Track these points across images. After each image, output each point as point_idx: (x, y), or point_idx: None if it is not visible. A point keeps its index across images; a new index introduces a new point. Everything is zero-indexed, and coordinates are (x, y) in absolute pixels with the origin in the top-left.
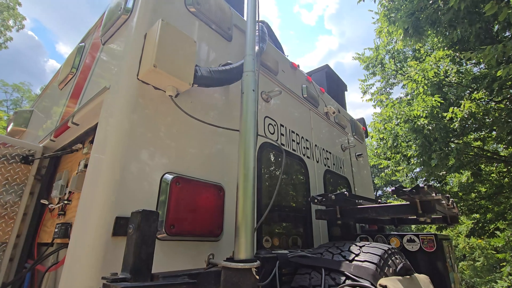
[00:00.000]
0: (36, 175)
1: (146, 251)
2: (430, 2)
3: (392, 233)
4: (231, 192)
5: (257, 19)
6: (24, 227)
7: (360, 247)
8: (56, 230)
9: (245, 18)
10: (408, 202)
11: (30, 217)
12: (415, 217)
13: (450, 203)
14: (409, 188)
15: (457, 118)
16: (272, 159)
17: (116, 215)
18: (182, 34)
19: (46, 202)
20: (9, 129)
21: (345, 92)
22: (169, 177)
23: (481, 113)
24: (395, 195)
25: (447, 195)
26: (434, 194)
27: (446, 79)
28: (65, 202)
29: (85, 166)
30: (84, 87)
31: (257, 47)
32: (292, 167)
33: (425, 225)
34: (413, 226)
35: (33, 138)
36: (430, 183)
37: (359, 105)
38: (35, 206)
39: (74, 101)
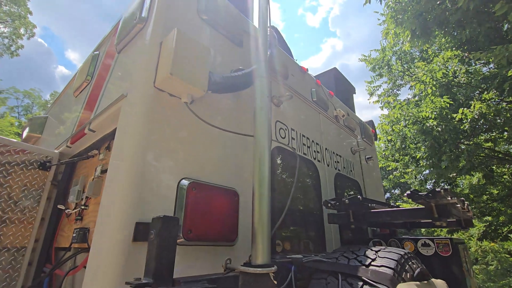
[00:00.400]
0: (53, 181)
1: (167, 257)
2: (438, 2)
3: (405, 237)
4: (245, 197)
5: (268, 24)
6: (42, 231)
7: (376, 251)
8: (74, 235)
9: (255, 23)
10: (423, 206)
11: (48, 222)
12: (429, 220)
13: (465, 206)
14: (425, 192)
15: (467, 119)
16: (284, 163)
17: (136, 220)
18: (196, 42)
19: (63, 207)
20: (24, 135)
21: (354, 94)
22: (185, 182)
23: (491, 114)
24: (409, 199)
25: (462, 198)
26: (449, 198)
27: (455, 79)
28: (82, 207)
29: (102, 171)
30: (100, 95)
31: (268, 52)
32: (303, 171)
33: (436, 228)
34: (422, 230)
35: (48, 144)
36: (446, 187)
37: (366, 107)
38: (52, 211)
39: (90, 108)
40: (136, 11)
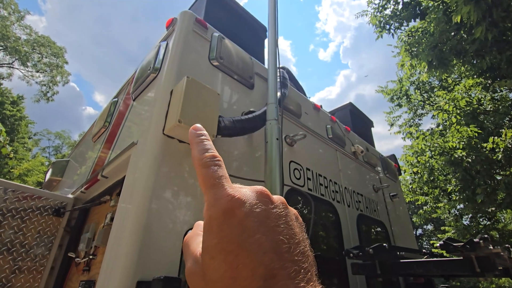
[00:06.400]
0: (66, 227)
1: None
2: (453, 34)
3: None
4: None
5: (278, 66)
6: (50, 282)
7: None
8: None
9: (265, 65)
10: (461, 258)
11: (57, 271)
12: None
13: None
14: (462, 243)
15: (499, 148)
16: (300, 207)
17: (138, 279)
18: (206, 88)
19: (73, 255)
20: (47, 178)
21: (372, 128)
22: None
23: None
24: (443, 251)
25: (507, 245)
26: (491, 247)
27: (480, 107)
28: (90, 256)
29: (111, 219)
30: (114, 141)
31: (279, 94)
32: (321, 214)
33: None
34: None
35: (67, 187)
36: (485, 235)
37: (385, 137)
38: (62, 259)
39: (105, 154)
40: (151, 61)
